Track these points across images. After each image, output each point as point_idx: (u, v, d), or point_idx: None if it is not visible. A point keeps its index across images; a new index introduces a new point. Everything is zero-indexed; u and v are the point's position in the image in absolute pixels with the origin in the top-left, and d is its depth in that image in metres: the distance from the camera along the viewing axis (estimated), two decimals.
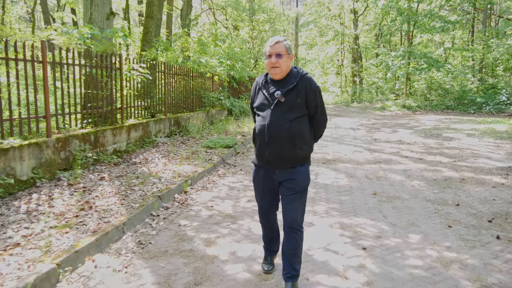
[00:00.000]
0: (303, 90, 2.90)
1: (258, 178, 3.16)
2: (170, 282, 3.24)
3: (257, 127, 3.01)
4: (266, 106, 2.97)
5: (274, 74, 2.94)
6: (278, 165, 2.97)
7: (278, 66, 2.89)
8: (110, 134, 7.50)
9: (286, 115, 2.88)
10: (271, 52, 2.90)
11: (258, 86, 3.10)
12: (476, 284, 3.22)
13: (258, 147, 3.03)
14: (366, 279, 3.32)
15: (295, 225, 2.98)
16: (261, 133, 2.95)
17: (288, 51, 2.93)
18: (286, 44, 2.94)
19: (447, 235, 4.31)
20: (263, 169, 3.09)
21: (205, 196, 5.78)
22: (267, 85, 3.02)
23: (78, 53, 6.86)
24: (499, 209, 5.21)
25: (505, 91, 22.94)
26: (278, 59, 2.88)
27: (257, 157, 3.11)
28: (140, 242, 4.03)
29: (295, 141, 2.90)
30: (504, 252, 3.86)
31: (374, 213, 5.02)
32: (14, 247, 3.54)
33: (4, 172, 5.07)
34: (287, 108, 2.89)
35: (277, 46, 2.90)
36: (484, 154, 9.21)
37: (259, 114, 3.03)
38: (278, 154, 2.92)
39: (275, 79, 2.98)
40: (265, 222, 3.32)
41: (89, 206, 4.73)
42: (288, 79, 2.95)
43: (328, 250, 3.88)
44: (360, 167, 7.84)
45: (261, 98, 3.03)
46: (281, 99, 2.89)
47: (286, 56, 2.92)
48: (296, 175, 2.97)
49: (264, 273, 3.37)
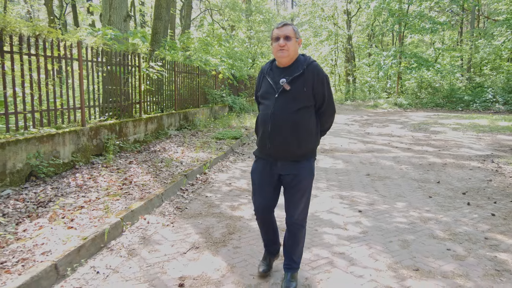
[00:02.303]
0: (310, 79, 2.74)
1: (257, 170, 3.01)
2: (209, 232, 4.15)
3: (260, 116, 2.89)
4: (270, 94, 2.82)
5: (281, 57, 2.78)
6: (281, 157, 2.84)
7: (286, 49, 2.73)
8: (131, 126, 8.38)
9: (291, 104, 2.74)
10: (279, 35, 2.75)
11: (264, 73, 2.96)
12: (446, 233, 4.16)
13: (261, 137, 2.90)
14: (362, 230, 4.25)
15: (298, 221, 2.93)
16: (264, 122, 2.82)
17: (296, 34, 2.79)
18: (294, 28, 2.80)
19: (427, 202, 5.25)
20: (263, 160, 2.95)
21: (222, 177, 6.69)
22: (272, 72, 2.88)
23: (106, 53, 7.71)
24: (472, 185, 6.17)
25: (491, 90, 24.06)
26: (286, 41, 2.73)
27: (258, 147, 2.99)
28: (178, 207, 4.93)
29: (300, 132, 2.76)
30: (472, 213, 4.81)
31: (367, 188, 5.96)
32: (81, 209, 4.42)
33: (51, 155, 5.93)
34: (293, 97, 2.74)
35: (285, 29, 2.75)
36: (466, 145, 10.19)
37: (263, 102, 2.91)
38: (281, 145, 2.78)
39: (282, 64, 2.83)
40: (263, 221, 3.11)
41: (129, 181, 5.62)
42: (295, 66, 2.80)
43: (331, 213, 4.81)
44: (355, 155, 8.78)
45: (266, 85, 2.88)
46: (287, 87, 2.74)
47: (295, 40, 2.77)
48: (300, 170, 2.84)
49: (259, 275, 3.19)
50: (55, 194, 4.89)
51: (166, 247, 3.76)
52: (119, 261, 3.44)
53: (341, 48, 36.47)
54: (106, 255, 3.54)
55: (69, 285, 3.00)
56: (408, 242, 3.90)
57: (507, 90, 23.48)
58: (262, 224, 3.13)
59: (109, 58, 7.79)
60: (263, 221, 3.10)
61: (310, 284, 3.07)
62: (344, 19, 34.26)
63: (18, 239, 3.51)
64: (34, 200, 4.65)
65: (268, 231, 3.16)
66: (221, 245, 3.83)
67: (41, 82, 6.03)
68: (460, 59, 31.06)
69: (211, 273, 3.25)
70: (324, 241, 3.94)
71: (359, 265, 3.40)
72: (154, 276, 3.20)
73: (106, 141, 7.35)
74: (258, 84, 3.02)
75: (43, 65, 6.05)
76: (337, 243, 3.88)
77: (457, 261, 3.48)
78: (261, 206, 3.01)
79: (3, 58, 5.24)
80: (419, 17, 25.92)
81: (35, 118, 5.89)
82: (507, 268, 3.35)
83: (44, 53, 5.97)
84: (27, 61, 5.72)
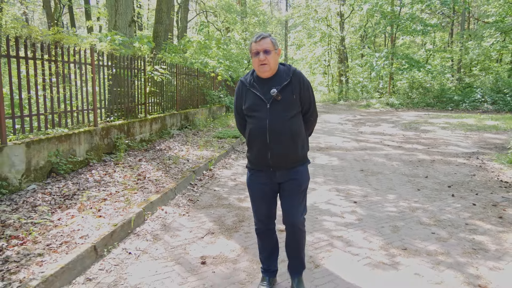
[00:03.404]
0: (297, 86, 2.79)
1: (256, 182, 2.99)
2: (222, 220, 4.65)
3: (254, 129, 2.83)
4: (260, 106, 2.79)
5: (263, 72, 2.78)
6: (280, 166, 2.85)
7: (266, 63, 2.73)
8: (138, 126, 8.85)
9: (284, 113, 2.76)
10: (258, 49, 2.73)
11: (246, 87, 2.89)
12: (432, 220, 4.69)
13: (258, 151, 2.86)
14: (357, 217, 4.77)
15: (298, 224, 2.94)
16: (261, 134, 2.78)
17: (275, 46, 2.78)
18: (272, 39, 2.78)
19: (416, 194, 5.79)
20: (261, 172, 2.94)
21: (226, 173, 7.19)
22: (256, 84, 2.84)
23: (116, 57, 8.17)
24: (458, 179, 6.72)
25: (480, 90, 24.75)
26: (266, 55, 2.71)
27: (254, 161, 2.97)
28: (190, 199, 5.43)
29: (296, 139, 2.82)
30: (455, 203, 5.35)
31: (361, 182, 6.49)
32: (104, 201, 4.90)
33: (69, 153, 6.40)
34: (284, 105, 2.77)
35: (264, 42, 2.73)
36: (454, 143, 10.77)
37: (252, 115, 2.84)
38: (282, 154, 2.80)
39: (264, 77, 2.82)
40: (265, 231, 3.09)
41: (143, 177, 6.10)
42: (279, 76, 2.82)
43: (329, 203, 5.33)
44: (349, 152, 9.32)
45: (253, 98, 2.83)
46: (278, 97, 2.74)
47: (274, 52, 2.76)
48: (297, 175, 2.89)
49: None
50: (78, 188, 5.36)
51: (185, 233, 4.26)
52: (146, 244, 3.93)
53: (334, 49, 37.07)
54: (134, 239, 4.04)
55: (107, 263, 3.49)
56: (398, 228, 4.43)
57: (495, 90, 24.16)
58: (264, 236, 3.11)
59: (118, 62, 8.25)
60: (266, 232, 3.09)
61: (314, 260, 3.59)
62: (338, 20, 34.86)
63: (56, 226, 3.99)
64: (59, 193, 5.12)
65: (270, 244, 3.13)
66: (233, 231, 4.34)
67: (58, 85, 6.48)
68: (450, 60, 31.81)
69: (227, 253, 3.76)
70: (324, 227, 4.46)
71: (355, 246, 3.93)
72: (178, 255, 3.70)
73: (115, 140, 7.81)
74: (241, 97, 2.94)
75: (60, 70, 6.50)
76: (336, 229, 4.40)
77: (440, 242, 4.02)
78: (266, 215, 3.03)
79: (27, 64, 5.69)
80: (410, 19, 26.57)
81: (54, 119, 6.33)
82: (483, 248, 3.89)
83: (62, 58, 6.43)
84: (47, 66, 6.17)
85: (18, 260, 3.21)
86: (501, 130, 13.15)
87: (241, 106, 2.93)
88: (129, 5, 10.25)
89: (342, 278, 3.29)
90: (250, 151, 2.96)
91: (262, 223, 3.06)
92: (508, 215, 4.87)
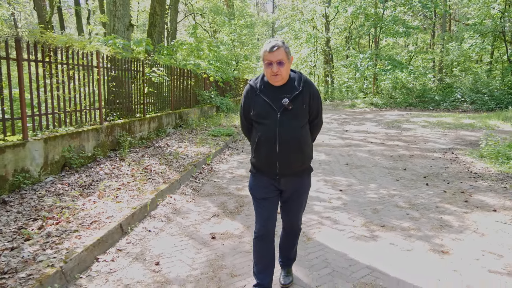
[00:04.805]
0: (307, 96, 2.78)
1: (260, 185, 2.94)
2: (224, 205, 5.30)
3: (264, 137, 2.78)
4: (270, 114, 2.74)
5: (275, 81, 2.75)
6: (286, 174, 2.84)
7: (279, 73, 2.69)
8: (138, 124, 9.43)
9: (295, 122, 2.75)
10: (271, 60, 2.67)
11: (255, 92, 2.84)
12: (407, 204, 5.41)
13: (265, 158, 2.82)
14: (342, 202, 5.47)
15: (295, 227, 3.11)
16: (269, 142, 2.75)
17: (288, 55, 2.72)
18: (286, 49, 2.71)
19: (395, 184, 6.51)
20: (265, 177, 2.90)
21: (223, 167, 7.83)
22: (266, 90, 2.80)
23: (118, 60, 8.73)
24: (433, 171, 7.47)
25: (460, 90, 25.83)
26: (279, 67, 2.66)
27: (260, 167, 2.91)
28: (194, 189, 6.07)
29: (305, 149, 2.81)
30: (428, 191, 6.08)
31: (346, 174, 7.20)
32: (119, 190, 5.50)
33: (79, 149, 6.96)
34: (294, 115, 2.74)
35: (278, 53, 2.66)
36: (432, 140, 11.58)
37: (262, 122, 2.79)
38: (290, 163, 2.80)
39: (276, 85, 2.79)
40: (265, 237, 2.96)
41: (149, 170, 6.71)
42: (290, 84, 2.78)
43: (318, 192, 6.01)
44: (335, 149, 10.04)
45: (262, 105, 2.78)
46: (289, 107, 2.72)
47: (288, 63, 2.72)
48: (302, 184, 2.94)
49: None
50: (92, 180, 5.95)
51: (194, 215, 4.90)
52: (162, 224, 4.56)
53: (320, 50, 37.89)
54: (151, 221, 4.66)
55: (132, 238, 4.12)
56: (378, 210, 5.14)
57: (474, 90, 25.25)
58: (263, 244, 2.98)
59: (120, 65, 8.82)
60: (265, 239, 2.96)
61: (307, 235, 4.26)
62: (323, 22, 35.70)
63: (82, 210, 4.59)
64: (76, 184, 5.71)
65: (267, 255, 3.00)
66: (236, 213, 4.99)
67: (70, 86, 7.03)
68: (432, 61, 32.98)
69: (233, 231, 4.41)
70: (314, 209, 5.14)
71: (341, 224, 4.62)
72: (191, 232, 4.34)
73: (119, 137, 8.38)
74: (249, 102, 2.87)
75: (71, 72, 7.06)
76: (324, 211, 5.09)
77: (413, 221, 4.73)
78: (269, 219, 2.95)
79: (44, 67, 6.26)
80: (393, 22, 27.56)
81: (66, 117, 6.89)
82: (448, 224, 4.61)
83: (73, 61, 7.00)
84: (60, 69, 6.74)
85: (59, 235, 3.81)
86: (477, 128, 14.04)
87: (249, 110, 2.88)
88: (126, 10, 10.81)
89: (330, 247, 3.97)
90: (257, 157, 2.89)
91: (264, 227, 2.94)
92: (473, 199, 5.61)
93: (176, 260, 3.70)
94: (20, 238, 3.72)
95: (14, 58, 5.53)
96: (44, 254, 3.38)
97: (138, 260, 3.68)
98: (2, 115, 5.32)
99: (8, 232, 3.84)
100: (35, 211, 4.46)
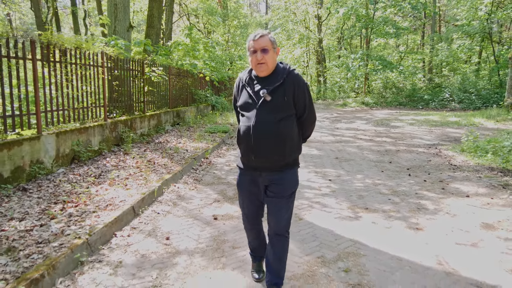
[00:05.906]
0: (290, 88, 2.70)
1: (244, 183, 2.97)
2: (224, 193, 5.83)
3: (242, 129, 2.79)
4: (250, 106, 2.75)
5: (260, 71, 2.72)
6: (265, 168, 2.79)
7: (264, 62, 2.67)
8: (138, 121, 9.92)
9: (273, 115, 2.68)
10: (255, 48, 2.66)
11: (242, 83, 2.86)
12: (389, 191, 5.97)
13: (244, 151, 2.83)
14: (331, 190, 6.02)
15: (281, 231, 2.91)
16: (246, 135, 2.74)
17: (273, 45, 2.71)
18: (271, 38, 2.72)
19: (380, 175, 7.08)
20: (248, 175, 2.91)
21: (221, 160, 8.36)
22: (252, 82, 2.80)
23: (120, 60, 9.22)
24: (416, 164, 8.05)
25: (448, 90, 26.54)
26: (264, 54, 2.65)
27: (242, 160, 2.93)
28: (195, 179, 6.59)
29: (283, 143, 2.71)
30: (410, 180, 6.65)
31: (336, 166, 7.75)
32: (127, 179, 6.00)
33: (86, 143, 7.45)
34: (274, 107, 2.68)
35: (262, 41, 2.66)
36: (419, 136, 12.18)
37: (243, 114, 2.82)
38: (265, 157, 2.73)
39: (261, 76, 2.76)
40: (251, 229, 3.14)
41: (152, 162, 7.22)
42: (275, 76, 2.74)
43: (309, 181, 6.56)
44: (326, 144, 10.60)
45: (245, 96, 2.80)
46: (267, 98, 2.68)
47: (272, 51, 2.70)
48: (284, 179, 2.82)
49: (256, 281, 3.22)
50: (101, 171, 6.45)
51: (197, 201, 5.42)
52: (169, 208, 5.09)
53: (312, 50, 38.56)
54: (159, 205, 5.18)
55: (143, 219, 4.64)
56: (363, 196, 5.69)
57: (462, 90, 25.96)
58: (251, 228, 3.15)
59: (122, 65, 9.31)
60: (253, 226, 3.14)
61: (298, 216, 4.81)
62: (315, 23, 36.33)
63: (97, 195, 5.09)
64: (86, 174, 6.20)
65: (259, 235, 3.19)
66: (235, 199, 5.52)
67: (78, 84, 7.52)
68: (421, 62, 33.72)
69: (232, 213, 4.94)
70: (305, 196, 5.69)
71: (329, 207, 5.17)
72: (195, 214, 4.86)
73: (121, 133, 8.87)
74: (237, 94, 2.93)
75: (79, 72, 7.54)
76: (314, 197, 5.63)
77: (393, 205, 5.29)
78: (253, 215, 3.07)
79: (55, 67, 6.74)
80: (384, 22, 28.25)
81: (74, 114, 7.37)
82: (425, 208, 5.18)
83: (80, 61, 7.49)
84: (70, 69, 7.22)
85: (79, 215, 4.32)
86: (462, 126, 14.68)
87: (236, 102, 2.94)
88: (127, 12, 11.30)
89: (319, 226, 4.51)
90: (240, 150, 2.92)
91: (250, 223, 3.11)
92: (450, 187, 6.19)
93: (184, 236, 4.22)
94: (46, 217, 4.22)
95: (29, 59, 6.02)
96: (69, 229, 3.89)
97: (151, 236, 4.20)
98: (19, 111, 5.80)
99: (34, 213, 4.34)
100: (54, 196, 4.96)
